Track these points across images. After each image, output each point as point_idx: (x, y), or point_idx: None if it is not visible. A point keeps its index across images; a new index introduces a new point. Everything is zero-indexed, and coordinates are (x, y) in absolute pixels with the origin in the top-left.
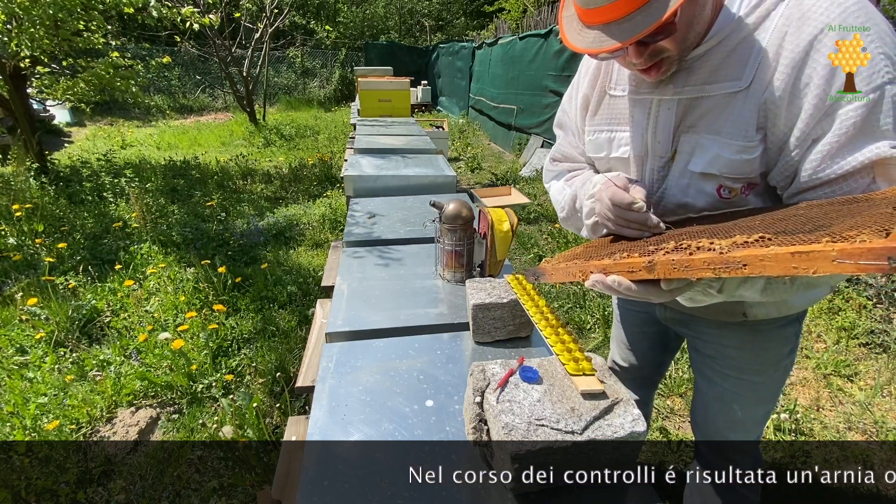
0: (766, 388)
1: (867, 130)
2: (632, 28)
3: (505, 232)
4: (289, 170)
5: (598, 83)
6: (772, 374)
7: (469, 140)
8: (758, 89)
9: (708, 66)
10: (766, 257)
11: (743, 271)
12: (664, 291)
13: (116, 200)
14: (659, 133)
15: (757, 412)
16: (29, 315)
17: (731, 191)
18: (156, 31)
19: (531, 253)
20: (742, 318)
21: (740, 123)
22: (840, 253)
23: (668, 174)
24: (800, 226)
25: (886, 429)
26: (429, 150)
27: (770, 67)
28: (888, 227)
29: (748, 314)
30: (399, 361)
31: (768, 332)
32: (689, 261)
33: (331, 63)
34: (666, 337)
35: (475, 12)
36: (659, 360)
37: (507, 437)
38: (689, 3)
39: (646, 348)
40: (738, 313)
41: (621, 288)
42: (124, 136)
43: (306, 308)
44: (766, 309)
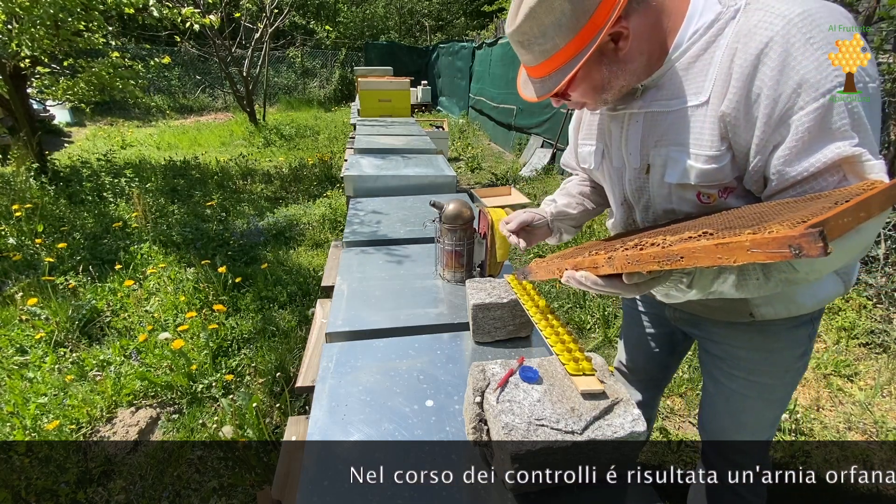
0: (776, 391)
1: (824, 133)
2: (548, 86)
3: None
4: (289, 170)
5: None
6: (782, 377)
7: (469, 140)
8: (716, 103)
9: (673, 82)
10: (696, 249)
11: (680, 263)
12: (628, 285)
13: (116, 200)
14: (629, 146)
15: (766, 415)
16: (29, 315)
17: (709, 196)
18: (156, 32)
19: (531, 253)
20: (749, 317)
21: (703, 136)
22: (752, 243)
23: (647, 185)
24: (748, 221)
25: (886, 429)
26: (429, 150)
27: (725, 82)
28: (807, 219)
29: (755, 314)
30: (399, 361)
31: (779, 334)
32: (640, 255)
33: (331, 63)
34: (674, 339)
35: (475, 12)
36: (666, 362)
37: (507, 437)
38: (588, 71)
39: (653, 350)
40: (744, 313)
41: (588, 282)
42: (124, 136)
43: (306, 308)
44: (773, 308)
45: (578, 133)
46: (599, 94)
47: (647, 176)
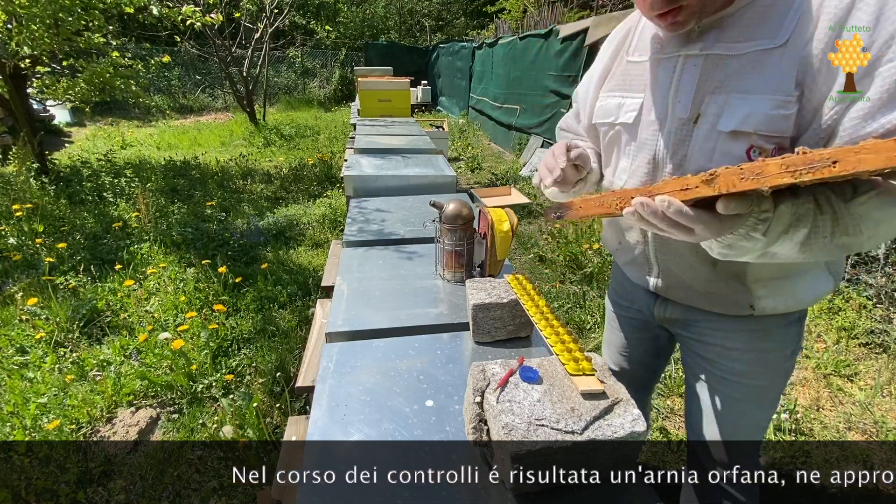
0: (769, 392)
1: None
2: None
3: (505, 232)
4: (289, 170)
5: (620, 54)
6: (773, 378)
7: (469, 140)
8: (796, 46)
9: (741, 24)
10: (863, 149)
11: (832, 170)
12: (717, 223)
13: (116, 200)
14: (681, 93)
15: (760, 417)
16: (29, 315)
17: (761, 152)
18: (156, 31)
19: (531, 253)
20: (749, 310)
21: (775, 80)
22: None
23: (690, 138)
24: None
25: (886, 429)
26: (429, 150)
27: (811, 24)
28: None
29: (756, 307)
30: (399, 361)
31: (772, 332)
32: (763, 166)
33: (331, 63)
34: (658, 343)
35: (475, 12)
36: (653, 365)
37: (507, 437)
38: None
39: (640, 353)
40: (745, 305)
41: (670, 210)
42: (124, 136)
43: (306, 308)
44: (773, 301)
45: (601, 87)
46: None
47: (693, 126)
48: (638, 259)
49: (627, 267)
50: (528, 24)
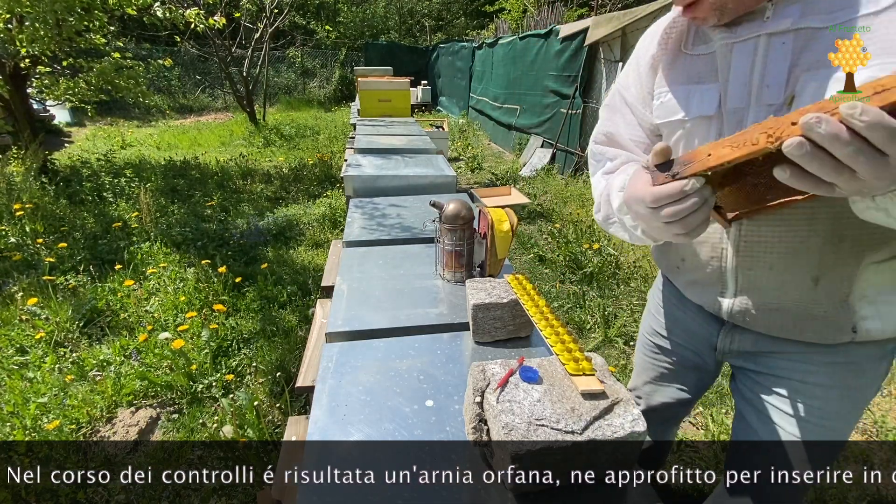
0: (844, 434)
1: None
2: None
3: (505, 232)
4: (289, 170)
5: (671, 45)
6: (851, 418)
7: (469, 140)
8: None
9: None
10: None
11: None
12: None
13: (116, 200)
14: (769, 76)
15: (827, 462)
16: (29, 315)
17: None
18: (156, 32)
19: (531, 253)
20: (850, 335)
21: (886, 43)
22: None
23: None
24: None
25: (886, 429)
26: (429, 150)
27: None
28: None
29: (858, 329)
30: (399, 361)
31: (863, 366)
32: None
33: (331, 63)
34: (706, 379)
35: (475, 12)
36: (692, 400)
37: (507, 437)
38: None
39: (684, 381)
40: (846, 328)
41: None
42: (124, 136)
43: (306, 308)
44: (881, 323)
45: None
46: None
47: (787, 110)
48: (710, 278)
49: (691, 289)
50: (527, 23)
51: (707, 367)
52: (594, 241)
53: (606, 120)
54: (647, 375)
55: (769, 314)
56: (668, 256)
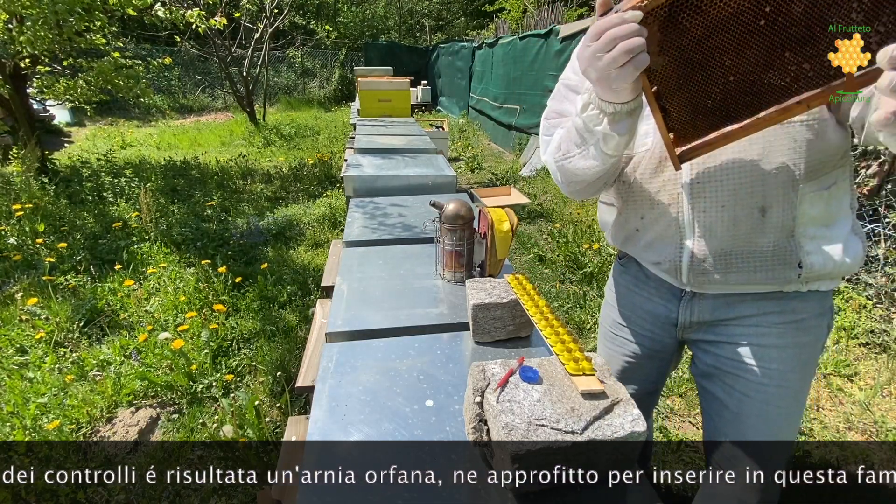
0: (804, 392)
1: None
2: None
3: (505, 232)
4: (289, 170)
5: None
6: (806, 378)
7: (469, 140)
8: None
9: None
10: None
11: None
12: None
13: (116, 200)
14: None
15: (796, 416)
16: (29, 315)
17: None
18: (156, 32)
19: (531, 253)
20: (798, 270)
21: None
22: None
23: None
24: None
25: (886, 429)
26: (429, 150)
27: None
28: None
29: (804, 263)
30: (399, 361)
31: (808, 323)
32: None
33: (331, 63)
34: (667, 364)
35: (475, 12)
36: (657, 388)
37: (507, 437)
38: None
39: (647, 371)
40: (793, 262)
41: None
42: (124, 136)
43: (306, 308)
44: (821, 258)
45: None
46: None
47: None
48: (669, 229)
49: (651, 250)
50: (527, 24)
51: (667, 351)
52: (594, 241)
53: (555, 101)
54: (616, 368)
55: (723, 259)
56: (628, 221)
